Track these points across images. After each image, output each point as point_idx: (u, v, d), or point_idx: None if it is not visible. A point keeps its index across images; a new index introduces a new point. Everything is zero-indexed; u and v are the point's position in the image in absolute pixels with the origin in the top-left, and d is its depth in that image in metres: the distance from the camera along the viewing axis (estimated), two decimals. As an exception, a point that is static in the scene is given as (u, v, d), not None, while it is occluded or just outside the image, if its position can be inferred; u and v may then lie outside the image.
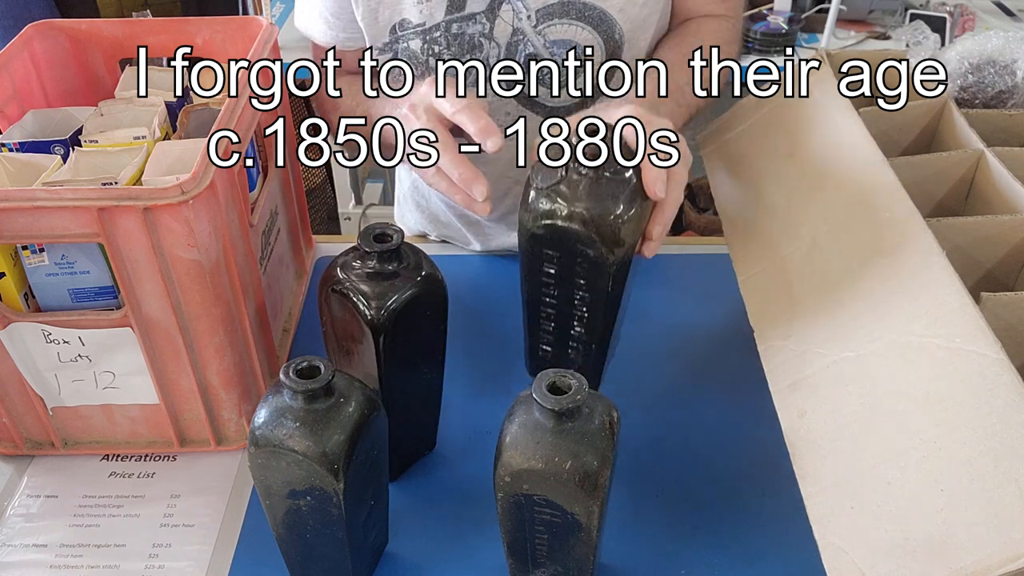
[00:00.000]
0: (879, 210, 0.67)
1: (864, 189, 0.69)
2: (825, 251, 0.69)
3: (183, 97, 0.82)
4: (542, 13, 0.83)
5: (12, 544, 0.69)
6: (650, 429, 0.78)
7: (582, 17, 0.84)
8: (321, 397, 0.55)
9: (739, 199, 0.82)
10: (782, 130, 0.83)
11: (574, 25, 0.84)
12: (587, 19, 0.84)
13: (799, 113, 0.83)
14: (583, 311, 0.69)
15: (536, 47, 0.85)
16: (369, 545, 0.65)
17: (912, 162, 0.73)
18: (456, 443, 0.77)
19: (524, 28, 0.84)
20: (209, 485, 0.74)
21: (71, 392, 0.72)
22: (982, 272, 0.69)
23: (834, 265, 0.68)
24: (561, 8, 0.83)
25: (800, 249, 0.71)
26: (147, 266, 0.64)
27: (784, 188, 0.77)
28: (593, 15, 0.84)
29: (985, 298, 0.59)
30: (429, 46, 0.85)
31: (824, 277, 0.68)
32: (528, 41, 0.85)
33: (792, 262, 0.71)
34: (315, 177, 2.14)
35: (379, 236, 0.64)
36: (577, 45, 0.85)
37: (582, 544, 0.58)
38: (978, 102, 0.81)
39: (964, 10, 2.11)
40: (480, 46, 0.85)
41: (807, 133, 0.79)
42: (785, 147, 0.80)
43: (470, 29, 0.84)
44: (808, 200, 0.74)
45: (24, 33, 0.83)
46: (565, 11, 0.83)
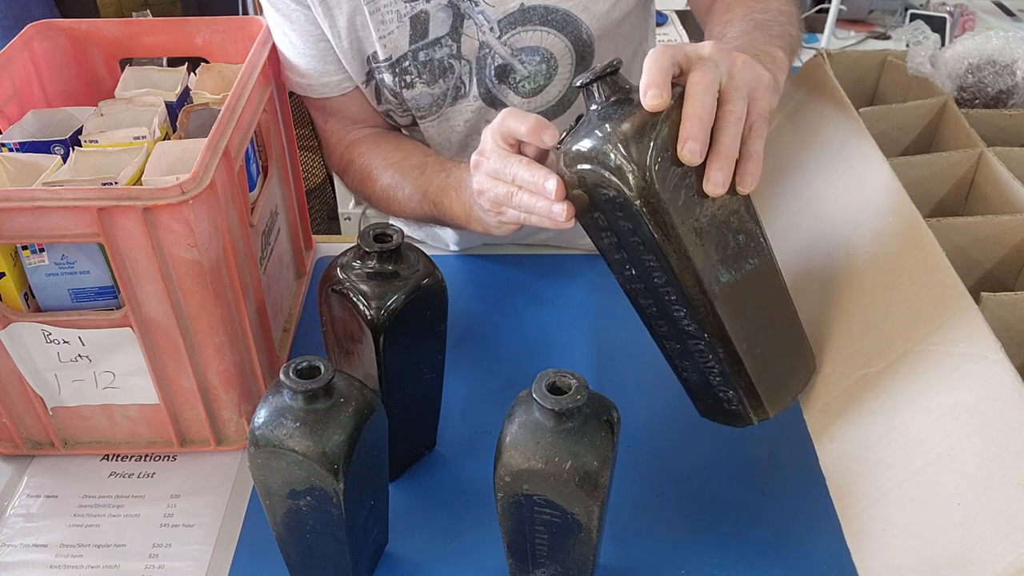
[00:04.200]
0: (880, 211, 0.67)
1: (864, 189, 0.69)
2: (825, 252, 0.69)
3: (183, 97, 0.82)
4: (504, 23, 0.82)
5: (12, 544, 0.69)
6: (650, 429, 0.78)
7: (545, 21, 0.82)
8: (321, 397, 0.55)
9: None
10: (785, 137, 0.83)
11: (539, 31, 0.82)
12: (551, 23, 0.82)
13: (799, 114, 0.83)
14: (668, 292, 0.57)
15: (504, 57, 0.83)
16: (369, 545, 0.65)
17: (912, 162, 0.73)
18: (456, 443, 0.77)
19: (489, 41, 0.83)
20: (209, 485, 0.74)
21: (71, 392, 0.72)
22: (982, 272, 0.69)
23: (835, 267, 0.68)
24: (523, 15, 0.81)
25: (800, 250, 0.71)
26: (147, 266, 0.64)
27: (788, 197, 0.77)
28: (556, 18, 0.82)
29: (985, 298, 0.59)
30: (400, 77, 0.84)
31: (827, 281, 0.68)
32: (495, 53, 0.83)
33: (793, 263, 0.71)
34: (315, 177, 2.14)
35: (379, 236, 0.64)
36: (545, 50, 0.84)
37: (582, 544, 0.58)
38: (978, 102, 0.81)
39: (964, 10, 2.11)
40: (451, 67, 0.84)
41: (809, 140, 0.80)
42: (787, 155, 0.80)
43: (438, 54, 0.83)
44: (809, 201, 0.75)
45: (24, 33, 0.83)
46: (527, 18, 0.82)
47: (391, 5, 0.80)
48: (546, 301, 0.92)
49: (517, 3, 0.81)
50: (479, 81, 0.85)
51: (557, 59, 0.84)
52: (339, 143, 0.92)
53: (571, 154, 0.55)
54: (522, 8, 0.81)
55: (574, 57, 0.85)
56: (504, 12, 0.81)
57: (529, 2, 0.81)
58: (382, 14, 0.81)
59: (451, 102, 0.87)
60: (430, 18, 0.81)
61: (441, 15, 0.81)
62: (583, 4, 0.82)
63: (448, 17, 0.82)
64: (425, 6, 0.81)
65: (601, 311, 0.90)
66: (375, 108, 0.90)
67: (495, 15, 0.81)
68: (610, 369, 0.84)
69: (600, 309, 0.90)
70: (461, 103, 0.87)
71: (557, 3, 0.81)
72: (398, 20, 0.81)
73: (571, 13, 0.82)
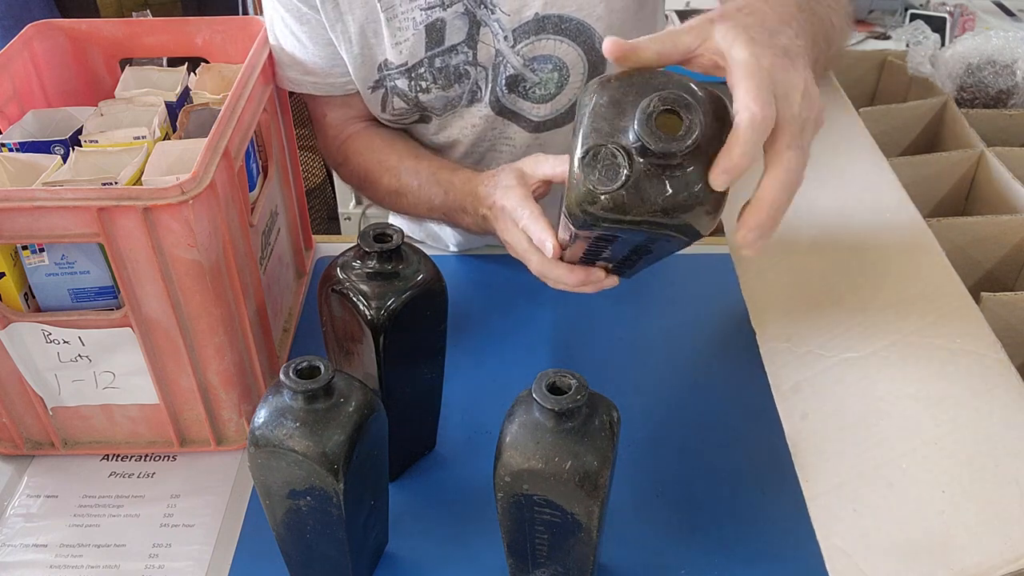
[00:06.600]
0: (880, 211, 0.67)
1: (864, 189, 0.69)
2: (825, 252, 0.69)
3: (183, 97, 0.82)
4: (519, 32, 0.82)
5: (12, 544, 0.69)
6: (650, 429, 0.78)
7: (559, 31, 0.82)
8: (321, 397, 0.55)
9: (738, 201, 0.82)
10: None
11: (552, 39, 0.82)
12: (565, 32, 0.82)
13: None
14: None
15: (516, 67, 0.83)
16: (369, 545, 0.65)
17: (912, 162, 0.74)
18: (456, 443, 0.77)
19: (503, 49, 0.83)
20: (209, 485, 0.74)
21: (71, 392, 0.72)
22: (982, 272, 0.69)
23: (835, 266, 0.68)
24: (537, 24, 0.81)
25: (800, 250, 0.71)
26: (147, 266, 0.64)
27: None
28: (570, 27, 0.82)
29: (985, 298, 0.59)
30: (415, 82, 0.84)
31: (824, 278, 0.68)
32: (507, 62, 0.83)
33: (792, 263, 0.71)
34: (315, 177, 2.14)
35: (379, 236, 0.64)
36: (557, 58, 0.84)
37: (582, 544, 0.58)
38: (978, 102, 0.81)
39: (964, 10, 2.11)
40: (467, 74, 0.84)
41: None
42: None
43: (454, 60, 0.83)
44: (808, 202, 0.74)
45: (24, 33, 0.83)
46: (541, 27, 0.82)
47: (408, 13, 0.80)
48: (546, 301, 0.92)
49: (532, 12, 0.81)
50: (492, 89, 0.86)
51: (569, 68, 0.84)
52: (336, 137, 0.93)
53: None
54: (537, 17, 0.81)
55: (586, 67, 0.85)
56: (519, 21, 0.81)
57: (544, 11, 0.81)
58: (399, 21, 0.81)
59: (466, 104, 0.87)
60: (446, 26, 0.81)
61: (458, 23, 0.81)
62: (597, 14, 0.82)
63: (464, 25, 0.82)
64: (442, 14, 0.81)
65: (601, 311, 0.90)
66: (378, 114, 0.90)
67: (510, 24, 0.81)
68: (610, 369, 0.84)
69: (600, 309, 0.90)
70: (475, 107, 0.87)
71: (572, 12, 0.81)
72: (414, 28, 0.81)
73: (585, 23, 0.82)
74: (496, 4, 0.80)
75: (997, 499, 0.48)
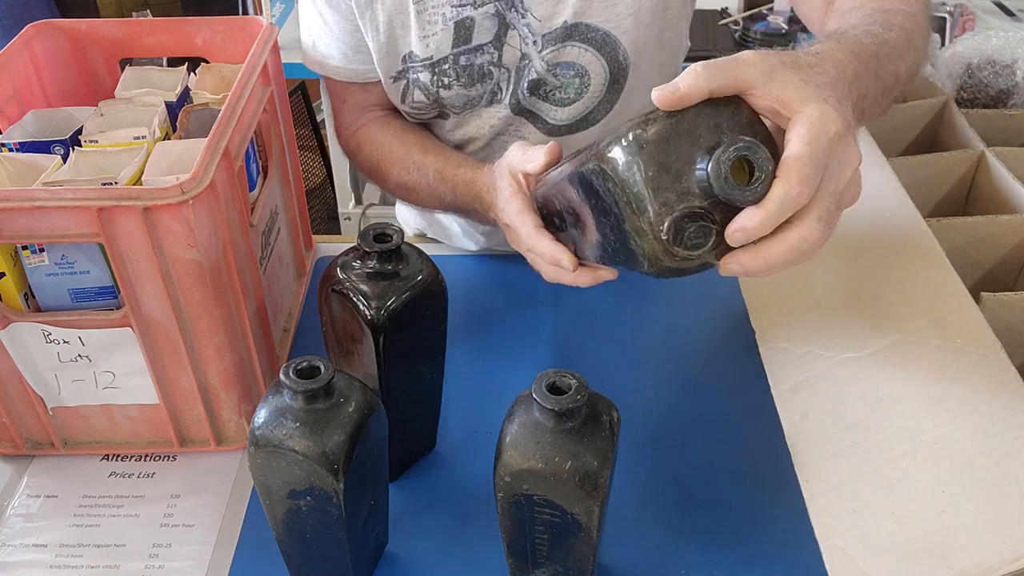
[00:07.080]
0: (880, 211, 0.67)
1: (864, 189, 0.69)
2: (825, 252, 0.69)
3: (183, 97, 0.82)
4: (548, 38, 0.83)
5: (12, 544, 0.69)
6: (650, 429, 0.78)
7: (586, 40, 0.83)
8: (321, 397, 0.55)
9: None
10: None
11: (577, 47, 0.83)
12: (591, 41, 0.83)
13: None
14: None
15: (539, 72, 0.84)
16: (369, 545, 0.65)
17: (912, 162, 0.74)
18: (456, 443, 0.77)
19: (530, 52, 0.84)
20: (209, 485, 0.74)
21: (71, 392, 0.72)
22: (982, 272, 0.69)
23: (835, 266, 0.68)
24: (565, 32, 0.82)
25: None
26: (147, 266, 0.64)
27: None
28: (597, 37, 0.83)
29: (985, 298, 0.59)
30: (438, 78, 0.85)
31: (824, 278, 0.68)
32: (531, 67, 0.84)
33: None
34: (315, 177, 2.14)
35: (379, 236, 0.64)
36: (580, 66, 0.84)
37: (582, 544, 0.58)
38: (978, 102, 0.81)
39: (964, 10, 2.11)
40: (490, 74, 0.85)
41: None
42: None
43: (479, 59, 0.84)
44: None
45: (24, 33, 0.83)
46: (569, 35, 0.83)
47: (438, 8, 0.81)
48: (546, 301, 0.92)
49: (561, 20, 0.82)
50: (513, 91, 0.86)
51: (591, 76, 0.85)
52: (352, 124, 0.94)
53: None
54: (565, 25, 0.82)
55: (607, 78, 0.85)
56: (549, 27, 0.82)
57: (573, 20, 0.82)
58: (429, 15, 0.82)
59: (486, 104, 0.88)
60: (475, 25, 0.82)
61: (487, 23, 0.82)
62: (624, 27, 0.83)
63: (493, 26, 0.82)
64: (472, 12, 0.81)
65: (601, 311, 0.90)
66: (397, 104, 0.90)
67: (540, 29, 0.82)
68: (610, 369, 0.83)
69: (601, 309, 0.91)
70: (494, 107, 0.88)
71: (600, 23, 0.82)
72: (443, 23, 0.82)
73: (611, 34, 0.83)
74: (528, 9, 0.81)
75: (997, 499, 0.48)
